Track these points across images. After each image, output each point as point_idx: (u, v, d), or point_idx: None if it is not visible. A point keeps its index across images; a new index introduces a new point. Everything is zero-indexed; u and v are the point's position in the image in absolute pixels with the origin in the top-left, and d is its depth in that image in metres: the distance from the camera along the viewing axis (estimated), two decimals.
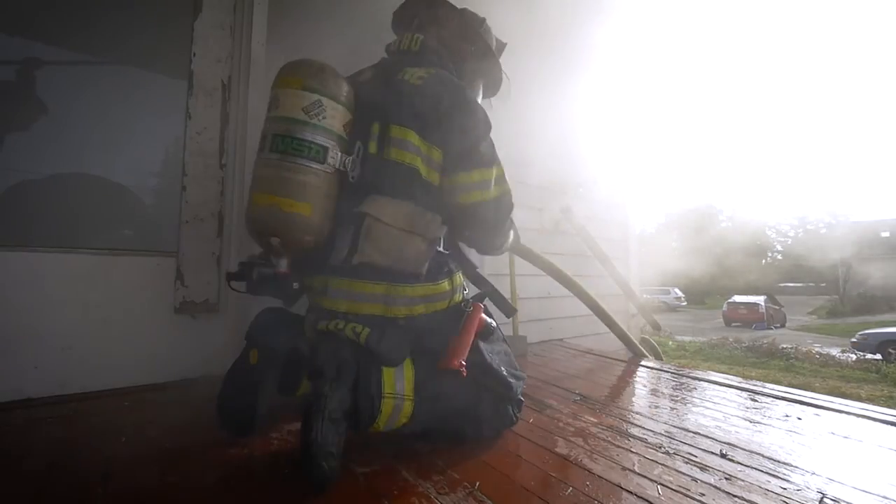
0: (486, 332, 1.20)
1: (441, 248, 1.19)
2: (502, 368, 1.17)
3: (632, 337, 2.53)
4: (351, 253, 1.08)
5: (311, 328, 1.14)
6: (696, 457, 1.11)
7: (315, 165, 1.07)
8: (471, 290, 1.32)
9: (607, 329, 2.51)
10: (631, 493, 0.93)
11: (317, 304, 1.17)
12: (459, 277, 1.23)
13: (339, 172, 1.13)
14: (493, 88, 1.55)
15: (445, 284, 1.16)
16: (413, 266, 1.09)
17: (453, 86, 1.20)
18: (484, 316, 1.20)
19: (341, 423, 0.93)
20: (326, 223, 1.13)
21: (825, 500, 0.93)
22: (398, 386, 1.02)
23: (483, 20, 1.46)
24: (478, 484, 0.94)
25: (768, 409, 1.53)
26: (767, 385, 1.81)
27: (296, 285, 1.12)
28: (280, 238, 1.07)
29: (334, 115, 1.11)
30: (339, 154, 1.11)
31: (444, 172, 1.17)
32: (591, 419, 1.36)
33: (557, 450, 1.13)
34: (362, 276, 1.08)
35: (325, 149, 1.08)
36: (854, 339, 11.47)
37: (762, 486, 0.97)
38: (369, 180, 1.14)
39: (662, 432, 1.27)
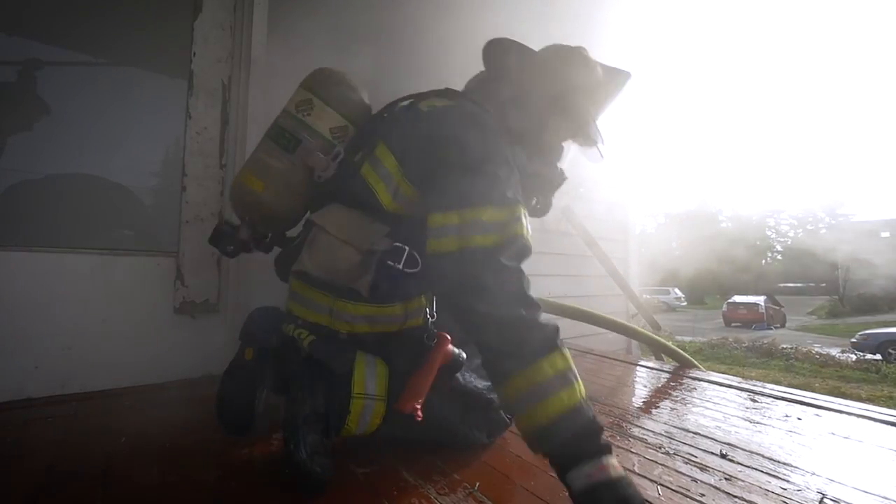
0: (453, 367, 1.05)
1: (404, 267, 1.02)
2: (479, 384, 1.13)
3: (676, 349, 2.43)
4: (293, 259, 1.10)
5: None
6: (696, 457, 1.11)
7: (283, 153, 1.15)
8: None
9: (607, 329, 2.50)
10: None
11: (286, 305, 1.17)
12: (422, 300, 1.07)
13: (308, 168, 1.15)
14: (581, 134, 1.21)
15: (396, 308, 1.03)
16: (345, 279, 1.00)
17: (465, 117, 1.02)
18: (451, 348, 1.04)
19: (321, 425, 0.93)
20: (282, 209, 1.19)
21: (825, 500, 0.93)
22: (369, 386, 0.98)
23: (571, 51, 1.18)
24: (478, 484, 0.94)
25: (768, 409, 1.53)
26: (767, 385, 1.81)
27: (230, 248, 1.22)
28: (234, 205, 1.22)
29: (320, 116, 1.16)
30: (312, 151, 1.13)
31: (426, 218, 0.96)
32: None
33: None
34: (311, 283, 1.04)
35: (298, 141, 1.14)
36: (854, 340, 11.49)
37: (762, 486, 0.97)
38: (337, 187, 1.12)
39: (662, 432, 1.27)
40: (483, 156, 0.95)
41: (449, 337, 1.04)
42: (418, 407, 0.94)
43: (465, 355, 1.07)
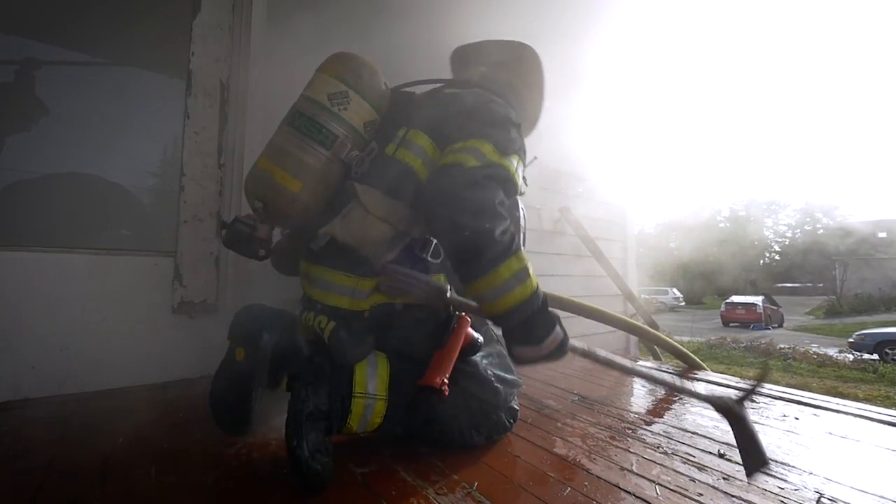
0: (471, 350, 1.14)
1: (430, 257, 1.14)
2: (489, 372, 1.16)
3: (683, 349, 2.39)
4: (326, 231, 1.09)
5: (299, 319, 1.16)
6: (694, 457, 1.11)
7: (320, 149, 1.09)
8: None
9: (606, 329, 2.49)
10: (629, 493, 0.93)
11: (303, 291, 1.18)
12: (440, 279, 1.15)
13: (343, 164, 1.13)
14: (529, 130, 1.44)
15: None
16: (372, 249, 1.05)
17: (485, 97, 1.15)
18: (471, 331, 1.13)
19: (323, 424, 0.94)
20: (315, 206, 1.13)
21: (823, 499, 0.93)
22: (370, 385, 1.02)
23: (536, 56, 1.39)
24: (476, 484, 0.94)
25: (766, 408, 1.54)
26: (765, 385, 1.81)
27: (262, 252, 1.14)
28: (263, 204, 1.09)
29: (356, 111, 1.12)
30: (349, 147, 1.12)
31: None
32: (590, 419, 1.36)
33: (556, 450, 1.13)
34: (336, 265, 1.08)
35: (336, 137, 1.10)
36: (851, 340, 11.51)
37: (760, 485, 0.98)
38: (371, 176, 1.13)
39: (660, 432, 1.28)
40: (502, 117, 1.09)
41: (469, 320, 1.10)
42: (445, 381, 1.01)
43: (482, 339, 1.16)
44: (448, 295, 1.07)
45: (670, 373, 2.05)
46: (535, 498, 0.89)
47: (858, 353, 10.74)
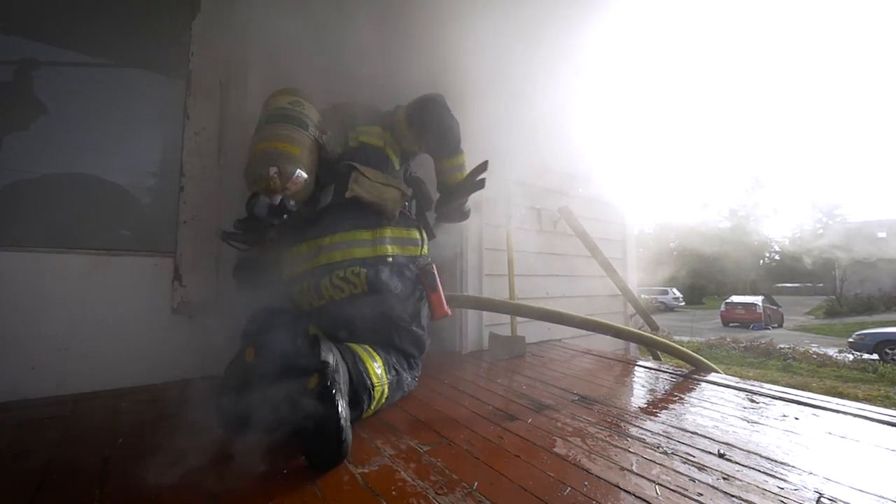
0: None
1: (414, 215, 1.55)
2: (428, 341, 1.48)
3: (688, 351, 2.37)
4: (340, 193, 1.38)
5: (315, 290, 1.35)
6: (693, 457, 1.11)
7: (302, 129, 1.40)
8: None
9: (615, 337, 2.44)
10: (629, 492, 0.93)
11: (304, 271, 1.38)
12: (415, 232, 1.50)
13: (318, 144, 1.44)
14: None
15: (416, 233, 1.48)
16: (391, 206, 1.41)
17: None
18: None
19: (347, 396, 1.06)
20: (312, 170, 1.39)
21: (822, 499, 0.93)
22: (379, 374, 1.23)
23: None
24: (476, 484, 0.94)
25: (766, 409, 1.54)
26: (765, 385, 1.81)
27: (292, 203, 1.31)
28: (277, 168, 1.30)
29: (310, 109, 1.48)
30: (317, 130, 1.45)
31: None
32: (589, 419, 1.36)
33: (555, 450, 1.13)
34: (353, 226, 1.36)
35: (306, 123, 1.43)
36: (851, 339, 11.49)
37: (760, 485, 0.98)
38: (346, 157, 1.45)
39: (660, 432, 1.28)
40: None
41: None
42: (448, 310, 1.45)
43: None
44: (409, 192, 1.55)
45: (670, 372, 2.05)
46: (535, 497, 0.89)
47: (858, 353, 10.73)
